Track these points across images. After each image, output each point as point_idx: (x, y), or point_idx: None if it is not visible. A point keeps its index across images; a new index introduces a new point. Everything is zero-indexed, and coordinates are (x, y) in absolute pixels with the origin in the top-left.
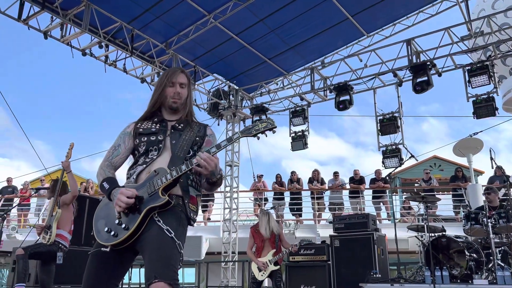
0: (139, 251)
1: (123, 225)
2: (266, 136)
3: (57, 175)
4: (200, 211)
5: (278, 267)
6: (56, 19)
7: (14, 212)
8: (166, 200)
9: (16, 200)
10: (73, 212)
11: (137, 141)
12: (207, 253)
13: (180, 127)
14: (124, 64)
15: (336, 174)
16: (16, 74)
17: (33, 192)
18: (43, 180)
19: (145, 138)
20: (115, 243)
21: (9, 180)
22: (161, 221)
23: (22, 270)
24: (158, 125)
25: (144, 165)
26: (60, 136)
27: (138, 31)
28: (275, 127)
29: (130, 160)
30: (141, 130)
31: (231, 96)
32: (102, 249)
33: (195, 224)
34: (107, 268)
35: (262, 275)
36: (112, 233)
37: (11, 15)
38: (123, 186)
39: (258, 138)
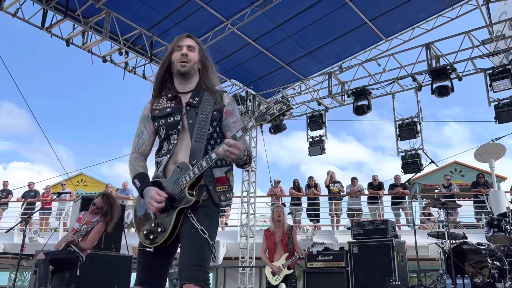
0: (179, 239)
1: (160, 228)
2: (283, 118)
3: (78, 180)
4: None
5: (291, 271)
6: (78, 27)
7: (36, 216)
8: (194, 201)
9: (38, 204)
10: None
11: (156, 124)
12: (224, 258)
13: (195, 102)
14: (144, 71)
15: (354, 179)
16: (40, 80)
17: (54, 197)
18: (64, 184)
19: (163, 121)
20: (157, 245)
21: (30, 184)
22: (195, 219)
23: (43, 274)
24: (172, 102)
25: (168, 155)
26: (80, 140)
27: (157, 38)
28: (291, 107)
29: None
30: (157, 112)
31: (248, 102)
32: (146, 249)
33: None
34: (155, 263)
35: (276, 280)
36: (152, 236)
37: (35, 23)
38: (155, 181)
39: (275, 123)
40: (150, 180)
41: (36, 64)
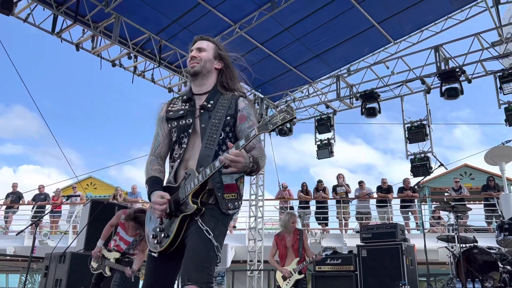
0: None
1: (164, 233)
2: (286, 128)
3: (87, 183)
4: None
5: (302, 275)
6: (88, 32)
7: (46, 218)
8: (195, 209)
9: (48, 207)
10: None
11: (169, 126)
12: (232, 261)
13: (209, 105)
14: (152, 74)
15: (361, 183)
16: (52, 84)
17: (64, 200)
18: (75, 187)
19: (175, 123)
20: (161, 250)
21: (40, 187)
22: (200, 220)
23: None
24: (186, 105)
25: (179, 160)
26: (89, 143)
27: (166, 42)
28: (295, 117)
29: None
30: (171, 113)
31: (256, 105)
32: (152, 254)
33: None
34: (161, 270)
35: (287, 284)
36: (156, 240)
37: (46, 28)
38: (166, 186)
39: (277, 133)
40: (164, 185)
41: (47, 68)
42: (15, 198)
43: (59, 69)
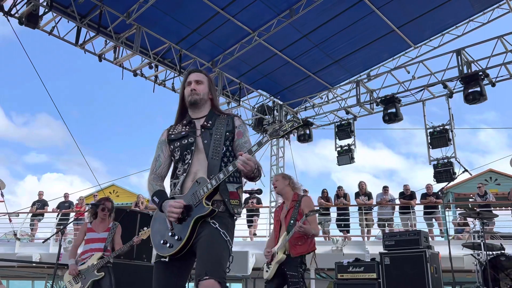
0: (195, 251)
1: (176, 236)
2: (294, 135)
3: (110, 191)
4: (245, 227)
5: (282, 257)
6: (110, 43)
7: (70, 226)
8: (210, 209)
9: (72, 215)
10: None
11: (171, 147)
12: (253, 269)
13: (209, 124)
14: (173, 83)
15: (385, 188)
16: (77, 93)
17: (88, 207)
18: (96, 195)
19: (178, 143)
20: (172, 253)
21: (66, 195)
22: (217, 224)
23: None
24: (187, 127)
25: (185, 174)
26: (110, 151)
27: (186, 51)
28: (301, 124)
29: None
30: (172, 136)
31: (275, 112)
32: (161, 259)
33: (241, 239)
34: (171, 275)
35: (267, 271)
36: (168, 244)
37: (70, 40)
38: (172, 198)
39: (287, 138)
40: (169, 196)
41: (74, 78)
42: (40, 206)
43: (84, 79)
